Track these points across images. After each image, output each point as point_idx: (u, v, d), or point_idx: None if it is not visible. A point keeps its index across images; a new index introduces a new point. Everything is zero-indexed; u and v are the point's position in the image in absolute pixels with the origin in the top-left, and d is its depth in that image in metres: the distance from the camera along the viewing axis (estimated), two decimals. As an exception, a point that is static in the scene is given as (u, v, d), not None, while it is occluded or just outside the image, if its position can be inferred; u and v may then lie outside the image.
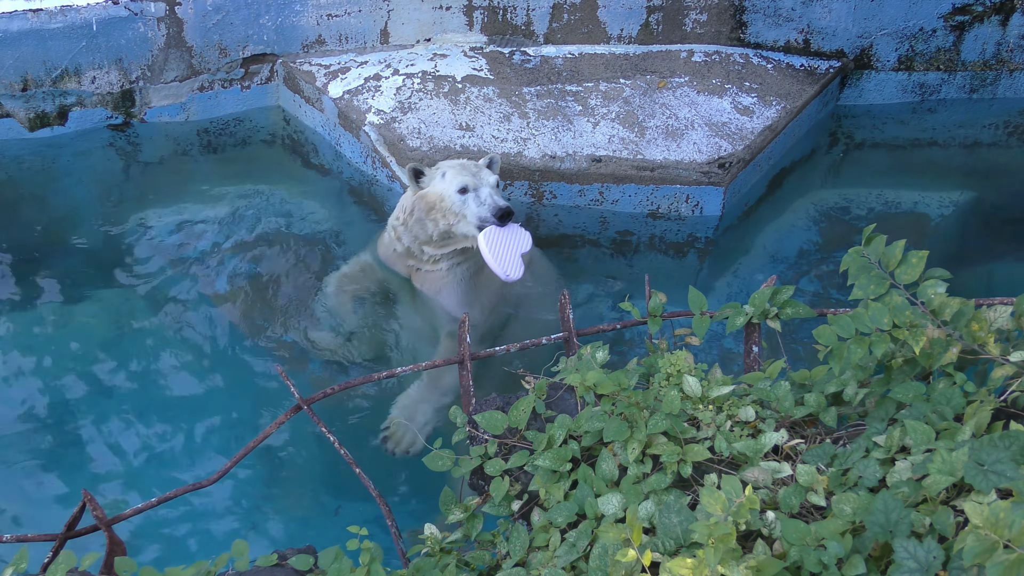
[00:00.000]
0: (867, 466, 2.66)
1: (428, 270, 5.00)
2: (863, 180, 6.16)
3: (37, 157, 5.99)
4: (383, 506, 3.32)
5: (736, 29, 6.16)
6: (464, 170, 4.80)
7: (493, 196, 4.73)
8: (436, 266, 4.98)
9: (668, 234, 5.65)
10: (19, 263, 5.51)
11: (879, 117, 6.38)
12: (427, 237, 4.90)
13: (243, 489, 4.61)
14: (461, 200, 4.74)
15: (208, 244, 5.64)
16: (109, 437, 4.79)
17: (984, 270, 5.55)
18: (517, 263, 4.62)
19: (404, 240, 4.98)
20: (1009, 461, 2.39)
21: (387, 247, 5.12)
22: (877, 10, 6.07)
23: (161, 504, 3.28)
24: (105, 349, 5.13)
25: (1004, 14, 6.09)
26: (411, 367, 3.73)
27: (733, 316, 3.44)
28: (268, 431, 3.41)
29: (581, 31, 6.18)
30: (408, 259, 5.03)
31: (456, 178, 4.76)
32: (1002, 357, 2.80)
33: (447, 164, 4.88)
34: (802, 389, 3.18)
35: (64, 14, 5.71)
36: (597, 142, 5.61)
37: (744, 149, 5.60)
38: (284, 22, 6.03)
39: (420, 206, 4.85)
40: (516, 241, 4.67)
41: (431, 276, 5.01)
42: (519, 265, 4.62)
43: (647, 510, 2.74)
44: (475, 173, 4.80)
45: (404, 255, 5.03)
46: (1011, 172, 6.27)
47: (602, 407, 3.05)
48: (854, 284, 3.00)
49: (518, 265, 4.62)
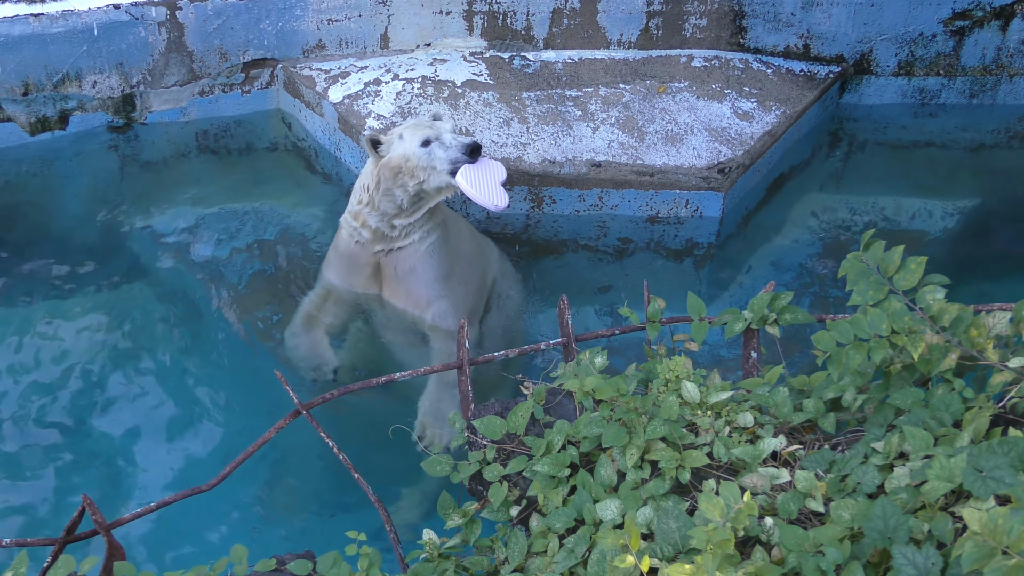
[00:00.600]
0: (866, 472, 2.66)
1: (400, 246, 4.91)
2: (863, 185, 6.16)
3: (38, 161, 5.99)
4: (382, 511, 3.32)
5: (736, 34, 6.17)
6: (420, 126, 4.77)
7: (456, 138, 4.71)
8: (408, 239, 4.89)
9: (667, 239, 5.66)
10: (19, 267, 5.51)
11: (879, 122, 6.39)
12: (396, 207, 4.82)
13: (242, 494, 4.60)
14: (426, 152, 4.69)
15: (209, 249, 5.64)
16: (108, 441, 4.79)
17: (984, 276, 5.55)
18: (500, 192, 4.65)
19: (372, 221, 4.87)
20: (1008, 467, 2.39)
21: (346, 246, 5.00)
22: (877, 15, 6.07)
23: (160, 509, 3.28)
24: (104, 353, 5.13)
25: (1004, 19, 6.09)
26: (410, 372, 3.73)
27: (732, 322, 3.44)
28: (267, 436, 3.41)
29: (581, 36, 6.18)
30: (376, 244, 4.92)
31: (416, 134, 4.72)
32: (1001, 363, 2.80)
33: (400, 127, 4.84)
34: (801, 395, 3.18)
35: (66, 19, 5.72)
36: (597, 147, 5.61)
37: (744, 154, 5.60)
38: (284, 27, 6.03)
39: (385, 175, 4.77)
40: (492, 172, 4.70)
41: (404, 253, 4.92)
42: (503, 193, 4.65)
43: (645, 516, 2.74)
44: (431, 125, 4.77)
45: (371, 242, 4.92)
46: (1011, 177, 6.27)
47: (601, 413, 3.06)
48: (853, 290, 3.00)
49: (502, 194, 4.65)
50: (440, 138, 4.71)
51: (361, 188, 4.91)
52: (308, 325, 5.05)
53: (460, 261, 5.08)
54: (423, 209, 4.86)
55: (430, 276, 4.92)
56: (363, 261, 4.99)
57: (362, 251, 4.98)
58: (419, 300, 4.95)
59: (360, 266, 5.01)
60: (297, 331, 5.05)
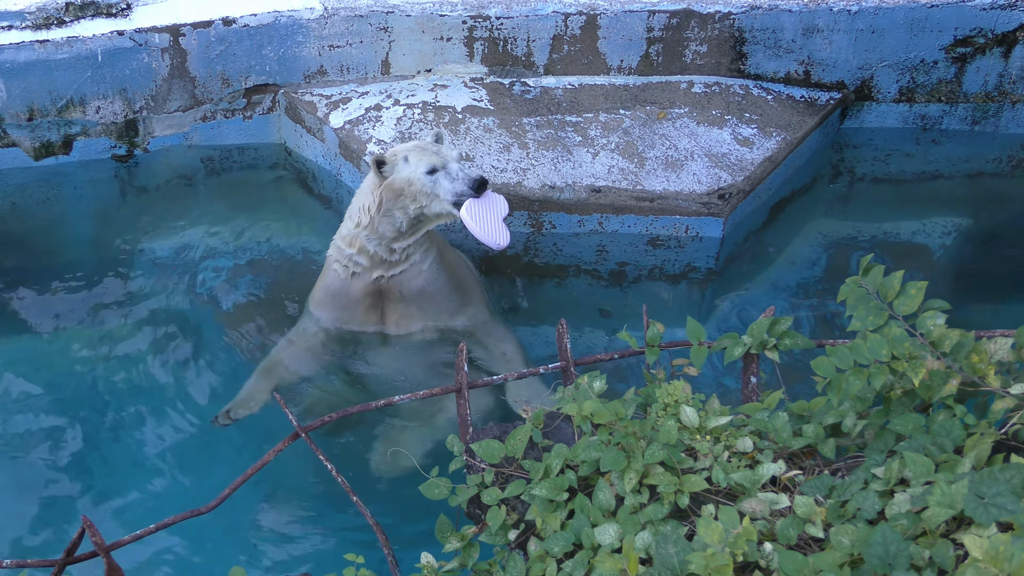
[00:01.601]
0: (866, 498, 2.65)
1: (401, 270, 4.87)
2: (863, 211, 6.17)
3: (42, 186, 6.01)
4: (380, 534, 3.31)
5: (736, 60, 6.19)
6: (426, 151, 4.72)
7: (463, 170, 4.67)
8: (408, 261, 4.85)
9: (667, 264, 5.65)
10: (22, 290, 5.52)
11: (880, 148, 6.39)
12: (395, 230, 4.76)
13: (241, 516, 4.59)
14: (431, 180, 4.65)
15: (210, 273, 5.65)
16: (108, 464, 4.79)
17: (984, 302, 5.54)
18: (502, 229, 4.63)
19: (370, 246, 4.80)
20: (1009, 494, 2.38)
21: (338, 280, 4.92)
22: (878, 42, 6.09)
23: (159, 530, 3.27)
24: (104, 376, 5.13)
25: (1006, 46, 6.11)
26: (409, 395, 3.73)
27: (731, 347, 3.44)
28: (266, 459, 3.40)
29: (581, 62, 6.21)
30: (375, 271, 4.86)
31: (422, 160, 4.68)
32: (1002, 389, 2.79)
33: (404, 148, 4.78)
34: (800, 420, 3.17)
35: (70, 45, 5.75)
36: (597, 172, 5.62)
37: (744, 180, 5.61)
38: (286, 53, 6.06)
39: (387, 196, 4.71)
40: (496, 208, 4.68)
41: (406, 276, 4.87)
42: (504, 231, 4.63)
43: (644, 540, 2.72)
44: (437, 151, 4.73)
45: (368, 269, 4.85)
46: (1012, 204, 6.27)
47: (599, 437, 3.05)
48: (852, 315, 3.00)
49: (503, 231, 4.63)
50: (447, 167, 4.67)
51: (360, 210, 4.82)
52: (266, 375, 4.95)
53: (460, 267, 5.08)
54: (421, 232, 4.83)
55: (444, 291, 4.90)
56: (360, 293, 4.92)
57: (357, 282, 4.90)
58: (441, 314, 4.92)
59: (356, 299, 4.94)
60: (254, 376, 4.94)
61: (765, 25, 6.06)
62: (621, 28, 6.09)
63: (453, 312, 4.92)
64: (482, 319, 4.97)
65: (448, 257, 5.03)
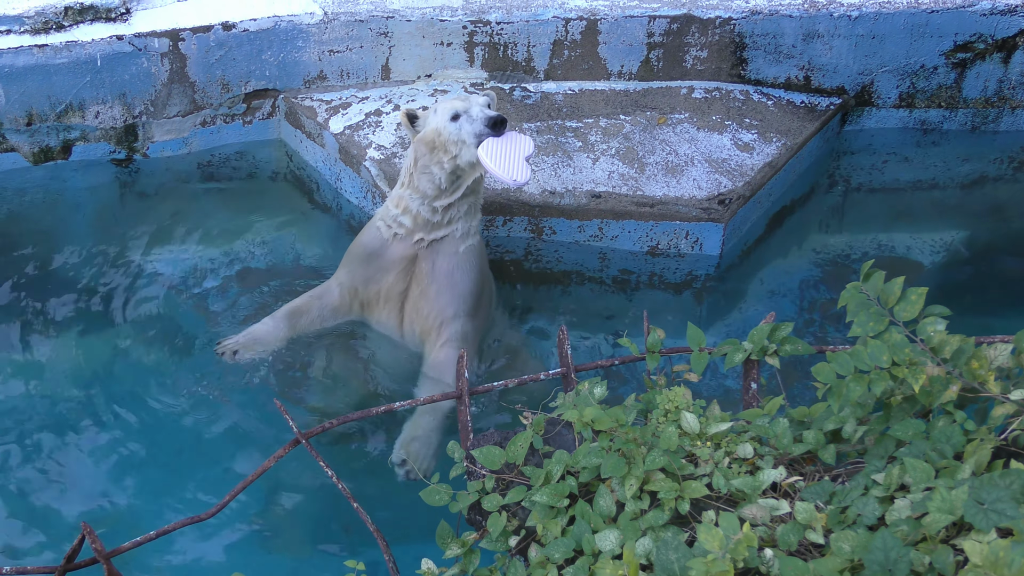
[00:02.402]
0: (866, 504, 2.65)
1: (443, 235, 4.84)
2: (864, 217, 6.17)
3: (40, 191, 6.01)
4: (380, 541, 3.31)
5: (737, 66, 6.19)
6: (455, 98, 4.74)
7: (483, 111, 4.65)
8: (451, 226, 4.83)
9: (667, 270, 5.65)
10: (18, 295, 5.51)
11: (880, 154, 6.40)
12: (436, 187, 4.75)
13: (241, 523, 4.59)
14: (456, 127, 4.64)
15: (209, 279, 5.65)
16: (108, 470, 4.78)
17: (984, 307, 5.54)
18: (522, 167, 4.51)
19: (413, 205, 4.80)
20: (1009, 500, 2.38)
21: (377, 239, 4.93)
22: (878, 47, 6.10)
23: (159, 537, 3.27)
24: (104, 381, 5.12)
25: (1006, 52, 6.12)
26: (410, 402, 3.73)
27: (732, 352, 3.44)
28: (266, 465, 3.40)
29: (582, 67, 6.21)
30: (417, 232, 4.84)
31: (447, 107, 4.70)
32: (1002, 395, 2.79)
33: (439, 102, 4.83)
34: (801, 426, 3.16)
35: (69, 49, 5.75)
36: (597, 178, 5.62)
37: (744, 185, 5.61)
38: (286, 58, 6.06)
39: (420, 150, 4.74)
40: (517, 146, 4.59)
41: (444, 246, 4.85)
42: (524, 168, 4.51)
43: (644, 547, 2.72)
44: (465, 98, 4.75)
45: (411, 231, 4.85)
46: (1012, 211, 6.28)
47: (600, 443, 3.05)
48: (853, 321, 3.00)
49: (523, 168, 4.51)
50: (469, 111, 4.66)
51: (404, 170, 4.87)
52: (290, 316, 5.02)
53: (487, 285, 5.06)
54: (462, 188, 4.78)
55: (463, 287, 4.87)
56: (397, 255, 4.91)
57: (397, 244, 4.90)
58: (444, 309, 4.88)
59: (391, 261, 4.93)
60: (277, 315, 5.03)
61: (765, 30, 6.07)
62: (621, 33, 6.10)
63: (446, 320, 4.89)
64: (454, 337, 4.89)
65: (484, 265, 5.03)
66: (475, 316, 4.95)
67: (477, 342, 4.98)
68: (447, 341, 4.85)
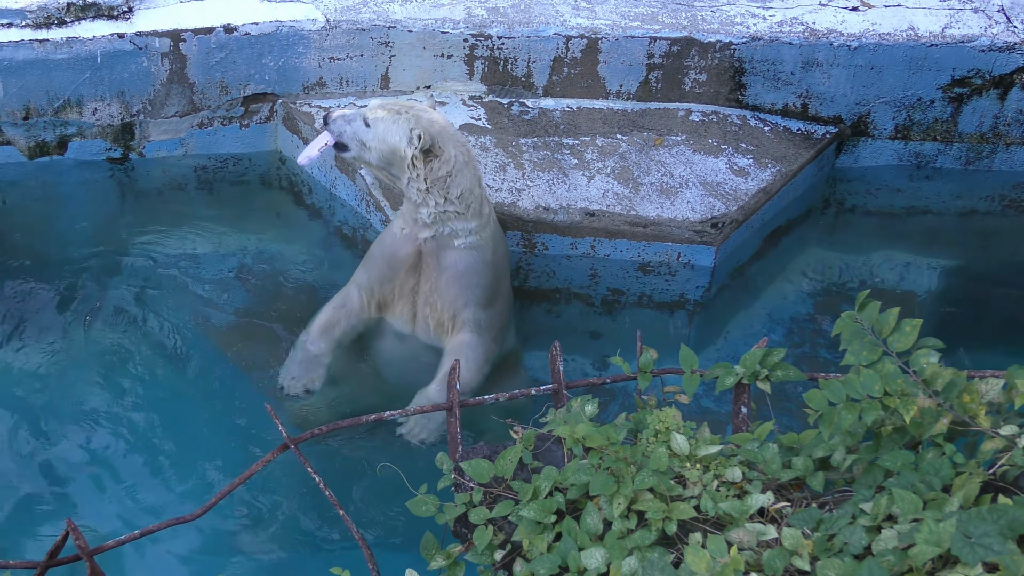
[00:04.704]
0: (853, 532, 2.65)
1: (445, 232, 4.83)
2: (857, 245, 6.20)
3: (35, 185, 6.00)
4: (365, 549, 3.30)
5: (735, 91, 6.22)
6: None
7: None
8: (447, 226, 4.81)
9: (658, 291, 5.67)
10: (9, 292, 5.49)
11: (874, 184, 6.43)
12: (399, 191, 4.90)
13: (227, 525, 4.58)
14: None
15: (201, 281, 5.64)
16: (94, 467, 4.77)
17: (975, 341, 5.56)
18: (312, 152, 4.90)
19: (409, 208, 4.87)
20: (997, 535, 2.39)
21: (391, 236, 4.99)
22: (876, 78, 6.13)
23: (144, 536, 3.26)
24: (93, 380, 5.11)
25: (1003, 88, 6.16)
26: (400, 411, 3.72)
27: (723, 376, 3.44)
28: (254, 469, 3.39)
29: (580, 85, 6.23)
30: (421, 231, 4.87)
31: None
32: (992, 430, 2.80)
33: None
34: (790, 452, 3.17)
35: (70, 45, 5.74)
36: (591, 196, 5.64)
37: (738, 210, 5.63)
38: (286, 63, 6.06)
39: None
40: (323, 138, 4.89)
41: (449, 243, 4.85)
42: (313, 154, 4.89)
43: (630, 566, 2.72)
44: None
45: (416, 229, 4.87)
46: (1004, 245, 6.31)
47: (589, 460, 3.05)
48: (846, 349, 3.01)
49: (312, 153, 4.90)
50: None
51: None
52: (325, 333, 5.01)
53: (504, 279, 5.07)
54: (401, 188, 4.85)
55: (470, 279, 4.87)
56: (406, 252, 4.93)
57: (406, 241, 4.92)
58: (455, 300, 4.88)
59: (401, 257, 4.95)
60: (313, 337, 5.00)
61: (765, 56, 6.10)
62: (622, 53, 6.12)
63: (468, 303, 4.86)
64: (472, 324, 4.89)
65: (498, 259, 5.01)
66: (489, 306, 4.95)
67: (495, 330, 4.99)
68: (462, 327, 4.89)
